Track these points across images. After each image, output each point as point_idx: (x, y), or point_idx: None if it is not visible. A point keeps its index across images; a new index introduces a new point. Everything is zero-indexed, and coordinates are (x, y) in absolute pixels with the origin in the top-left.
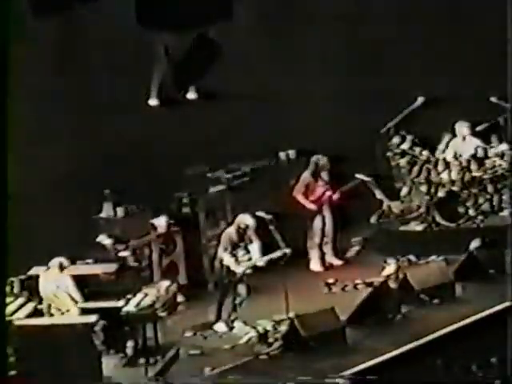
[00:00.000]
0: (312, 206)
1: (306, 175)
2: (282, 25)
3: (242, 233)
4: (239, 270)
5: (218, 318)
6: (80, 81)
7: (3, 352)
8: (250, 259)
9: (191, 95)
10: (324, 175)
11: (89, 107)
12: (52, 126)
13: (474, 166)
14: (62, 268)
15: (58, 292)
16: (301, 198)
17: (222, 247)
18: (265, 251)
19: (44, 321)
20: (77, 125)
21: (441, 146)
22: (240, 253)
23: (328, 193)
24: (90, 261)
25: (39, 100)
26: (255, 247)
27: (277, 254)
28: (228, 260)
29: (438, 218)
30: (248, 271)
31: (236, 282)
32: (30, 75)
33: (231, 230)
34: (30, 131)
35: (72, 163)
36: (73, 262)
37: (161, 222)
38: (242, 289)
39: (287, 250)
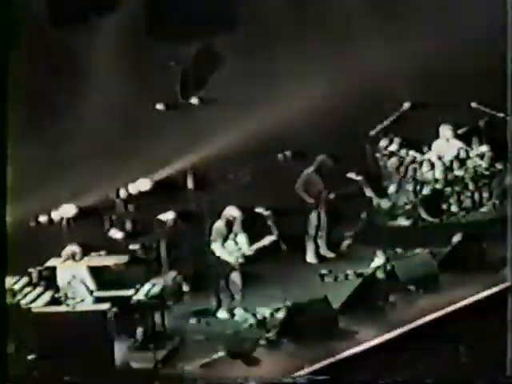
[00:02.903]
0: (310, 200)
1: (309, 172)
2: (281, 29)
3: (229, 225)
4: (231, 260)
5: (219, 306)
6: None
7: (3, 350)
8: (239, 249)
9: (194, 100)
10: (325, 174)
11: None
12: (64, 128)
13: (456, 166)
14: (74, 256)
15: (74, 282)
16: (301, 193)
17: (212, 239)
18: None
19: (61, 309)
20: (89, 124)
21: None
22: (230, 244)
23: (325, 191)
24: (102, 253)
25: (50, 100)
26: (242, 238)
27: (263, 242)
28: (219, 251)
29: (423, 214)
30: (240, 260)
31: (229, 272)
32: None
33: (220, 223)
34: (38, 131)
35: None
36: (86, 254)
37: (168, 217)
38: (236, 278)
39: (273, 237)
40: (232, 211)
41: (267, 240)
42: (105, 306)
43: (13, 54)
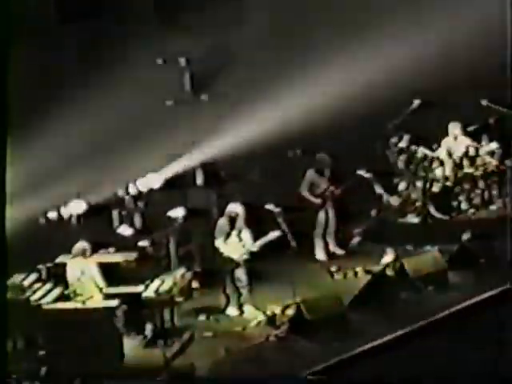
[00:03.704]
0: (316, 201)
1: (311, 172)
2: (286, 28)
3: (232, 221)
4: (235, 256)
5: (228, 302)
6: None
7: (3, 349)
8: (244, 246)
9: (203, 97)
10: (327, 172)
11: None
12: (69, 122)
13: (466, 164)
14: (84, 253)
15: (84, 278)
16: (306, 194)
17: (217, 236)
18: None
19: (70, 305)
20: (98, 121)
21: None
22: (234, 240)
23: (331, 188)
24: (112, 250)
25: (58, 97)
26: (247, 234)
27: (268, 237)
28: (224, 248)
29: (433, 211)
30: (244, 257)
31: (235, 268)
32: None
33: (223, 220)
34: (44, 128)
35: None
36: (95, 251)
37: (178, 214)
38: (241, 274)
39: (277, 233)
40: (235, 208)
41: (271, 236)
42: (114, 302)
43: (13, 53)
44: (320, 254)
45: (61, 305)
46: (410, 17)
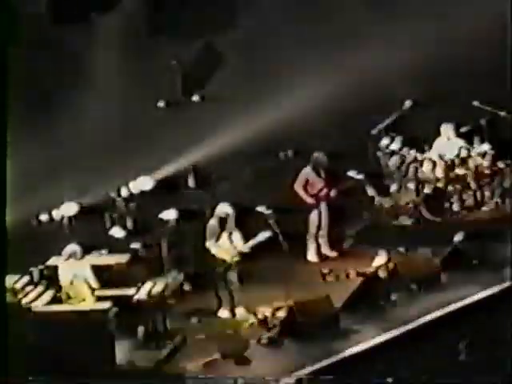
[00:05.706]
0: (310, 200)
1: (307, 170)
2: (281, 28)
3: (222, 222)
4: (227, 258)
5: (220, 304)
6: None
7: (3, 349)
8: (235, 247)
9: (195, 98)
10: (322, 172)
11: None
12: (65, 127)
13: (457, 165)
14: (76, 255)
15: (76, 280)
16: (300, 192)
17: (207, 238)
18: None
19: (62, 307)
20: (89, 123)
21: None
22: (225, 242)
23: (325, 189)
24: (104, 251)
25: (52, 100)
26: (237, 235)
27: (258, 239)
28: (214, 250)
29: (425, 213)
30: (236, 258)
31: (226, 270)
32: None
33: (213, 221)
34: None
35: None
36: (87, 253)
37: (169, 216)
38: (233, 276)
39: (267, 234)
40: (225, 209)
41: (261, 236)
42: (106, 305)
43: (13, 53)
44: (312, 256)
45: (52, 307)
46: (404, 17)
